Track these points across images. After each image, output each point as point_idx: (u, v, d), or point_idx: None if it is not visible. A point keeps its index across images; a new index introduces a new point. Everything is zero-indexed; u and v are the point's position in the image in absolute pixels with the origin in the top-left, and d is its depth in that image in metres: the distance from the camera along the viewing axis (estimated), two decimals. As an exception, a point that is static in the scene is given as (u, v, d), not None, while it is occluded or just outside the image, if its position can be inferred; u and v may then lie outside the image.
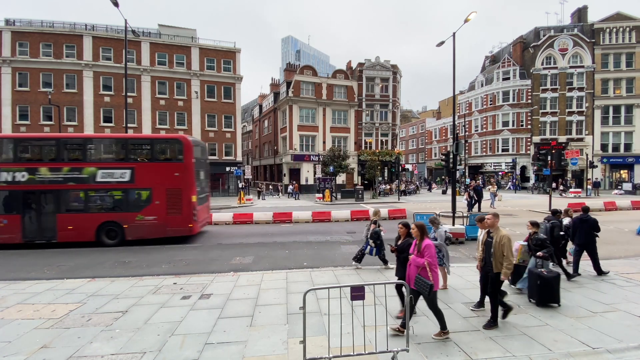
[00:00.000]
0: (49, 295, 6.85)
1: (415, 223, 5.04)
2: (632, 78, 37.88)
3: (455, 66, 14.51)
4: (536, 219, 7.36)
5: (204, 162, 14.16)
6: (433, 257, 4.66)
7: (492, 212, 5.51)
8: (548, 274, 6.00)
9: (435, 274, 4.68)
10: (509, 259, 4.93)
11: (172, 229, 11.99)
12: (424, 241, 4.81)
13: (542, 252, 6.23)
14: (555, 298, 5.98)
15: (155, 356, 4.49)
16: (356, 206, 23.53)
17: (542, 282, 5.93)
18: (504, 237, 5.03)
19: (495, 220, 5.30)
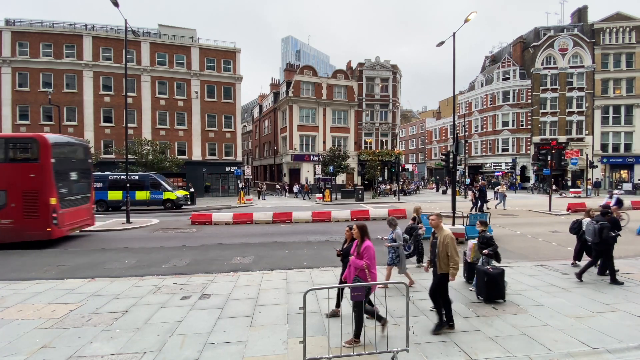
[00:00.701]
0: (49, 295, 6.85)
1: (356, 224, 4.96)
2: (632, 78, 37.89)
3: (455, 66, 14.51)
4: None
5: (76, 162, 13.41)
6: (371, 258, 4.59)
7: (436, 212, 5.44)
8: (493, 271, 6.15)
9: (373, 275, 4.60)
10: (454, 259, 4.87)
11: (29, 233, 11.41)
12: (364, 243, 4.72)
13: (487, 250, 6.45)
14: (501, 293, 6.19)
15: (155, 356, 4.49)
16: (356, 206, 23.54)
17: (488, 278, 6.10)
18: (447, 237, 4.96)
19: (439, 221, 5.22)
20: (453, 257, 4.88)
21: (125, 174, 18.62)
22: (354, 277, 4.65)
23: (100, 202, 22.50)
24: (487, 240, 6.58)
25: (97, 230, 15.13)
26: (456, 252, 4.91)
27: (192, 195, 25.59)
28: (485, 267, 6.30)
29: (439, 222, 5.21)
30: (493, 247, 6.48)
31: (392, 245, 6.96)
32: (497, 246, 6.57)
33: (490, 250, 6.46)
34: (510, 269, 8.40)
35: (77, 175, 13.19)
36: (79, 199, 13.29)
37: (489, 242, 6.56)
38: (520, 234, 13.37)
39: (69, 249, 11.49)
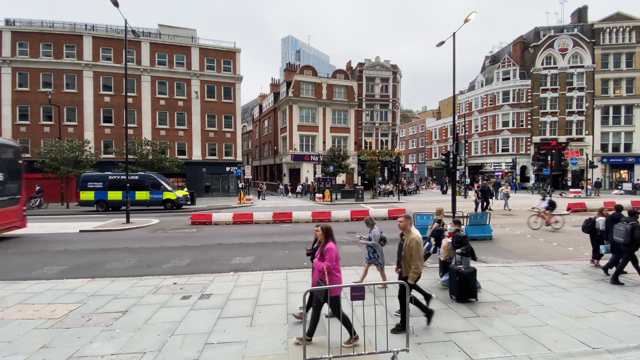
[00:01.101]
0: (49, 295, 6.85)
1: (321, 225, 4.85)
2: (632, 78, 37.90)
3: (455, 66, 14.52)
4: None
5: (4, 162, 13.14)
6: (332, 261, 4.49)
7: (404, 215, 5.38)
8: (465, 270, 6.20)
9: (334, 278, 4.49)
10: (415, 263, 4.85)
11: None
12: (327, 244, 4.64)
13: (460, 249, 6.54)
14: (473, 293, 6.23)
15: (155, 356, 4.49)
16: (356, 206, 23.54)
17: (460, 277, 6.15)
18: (412, 240, 4.93)
19: (407, 223, 5.16)
20: (414, 261, 4.86)
21: (125, 174, 18.62)
22: (317, 280, 4.54)
23: (100, 202, 22.53)
24: (460, 239, 6.64)
25: (97, 231, 15.14)
26: (419, 256, 4.89)
27: (192, 196, 25.58)
28: (457, 266, 6.37)
29: (407, 224, 5.16)
30: (466, 247, 6.56)
31: (369, 243, 6.99)
32: (470, 245, 6.63)
33: (463, 250, 6.54)
34: (510, 269, 8.41)
35: (3, 177, 12.95)
36: (6, 201, 13.03)
37: (462, 241, 6.61)
38: (520, 233, 13.36)
39: (69, 249, 11.48)
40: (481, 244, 11.58)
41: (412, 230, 5.11)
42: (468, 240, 6.68)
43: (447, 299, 6.33)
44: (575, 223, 15.49)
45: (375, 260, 7.02)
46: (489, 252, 10.45)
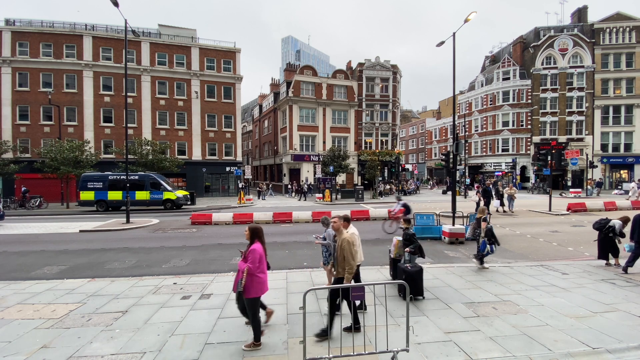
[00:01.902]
0: (49, 295, 6.85)
1: (249, 226, 4.80)
2: (632, 78, 37.89)
3: (455, 66, 14.52)
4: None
5: None
6: (255, 262, 4.41)
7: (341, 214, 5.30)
8: (412, 269, 6.29)
9: (258, 279, 4.41)
10: (349, 263, 4.79)
11: None
12: (252, 245, 4.60)
13: (409, 247, 6.62)
14: (420, 291, 6.32)
15: (155, 356, 4.49)
16: (356, 206, 23.53)
17: (406, 276, 6.19)
18: (343, 241, 4.88)
19: (340, 224, 5.09)
20: (348, 261, 4.80)
21: (125, 174, 18.61)
22: (238, 280, 4.45)
23: (100, 202, 22.53)
24: (409, 237, 6.72)
25: (97, 231, 15.13)
26: (352, 256, 4.81)
27: (192, 196, 25.58)
28: (404, 265, 6.48)
29: (340, 225, 5.09)
30: (414, 245, 6.66)
31: (323, 243, 6.91)
32: (418, 243, 6.76)
33: (411, 248, 6.63)
34: (510, 269, 8.41)
35: None
36: None
37: (411, 239, 6.69)
38: (520, 234, 13.37)
39: (69, 249, 11.47)
40: (481, 244, 11.58)
41: (345, 231, 5.04)
42: (416, 239, 6.79)
43: (395, 296, 6.40)
44: (575, 223, 15.51)
45: (326, 260, 6.96)
46: (489, 252, 10.44)
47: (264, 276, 4.57)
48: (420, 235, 12.37)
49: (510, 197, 19.35)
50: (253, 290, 4.42)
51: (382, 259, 9.74)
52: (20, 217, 20.43)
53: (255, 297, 4.47)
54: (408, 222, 7.03)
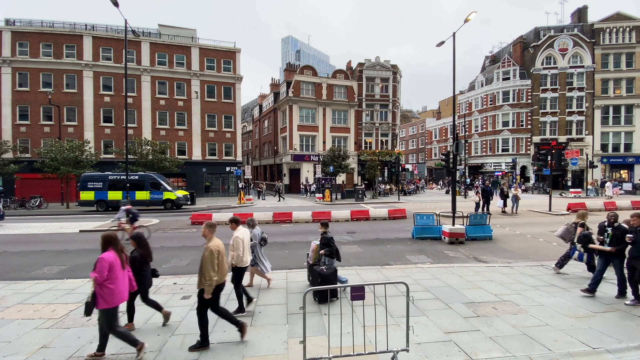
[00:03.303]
0: (49, 295, 6.85)
1: (102, 234, 4.51)
2: (632, 78, 37.88)
3: (455, 66, 14.52)
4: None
5: None
6: (101, 272, 4.13)
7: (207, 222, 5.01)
8: (327, 271, 6.27)
9: (107, 290, 4.17)
10: (208, 274, 4.50)
11: None
12: (102, 253, 4.31)
13: (324, 250, 6.60)
14: (334, 292, 6.30)
15: (155, 356, 4.49)
16: (356, 206, 23.53)
17: (322, 279, 6.17)
18: (206, 250, 4.61)
19: (207, 231, 4.81)
20: (207, 272, 4.49)
21: (125, 174, 18.63)
22: None
23: (100, 202, 22.53)
24: (327, 241, 6.67)
25: (97, 231, 15.13)
26: (212, 267, 4.52)
27: (192, 196, 25.58)
28: (319, 267, 6.41)
29: (207, 232, 4.80)
30: (330, 248, 6.61)
31: (251, 245, 6.96)
32: (335, 247, 6.72)
33: (326, 251, 6.58)
34: (510, 269, 8.41)
35: None
36: None
37: (328, 242, 6.66)
38: (520, 233, 13.36)
39: (69, 249, 11.47)
40: (481, 244, 11.59)
41: (214, 239, 4.79)
42: (334, 242, 6.74)
43: (311, 301, 6.23)
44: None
45: (252, 260, 6.95)
46: (488, 252, 10.45)
47: (114, 287, 4.24)
48: (421, 235, 12.41)
49: (515, 197, 19.19)
50: (102, 301, 4.16)
51: (382, 258, 9.75)
52: (20, 217, 20.43)
53: (105, 308, 4.19)
54: (325, 226, 6.92)
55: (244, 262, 5.76)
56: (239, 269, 5.78)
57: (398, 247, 11.18)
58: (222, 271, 4.70)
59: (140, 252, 5.24)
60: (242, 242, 5.67)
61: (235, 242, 5.63)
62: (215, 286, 4.66)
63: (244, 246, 5.74)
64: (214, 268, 4.56)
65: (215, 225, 5.00)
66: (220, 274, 4.67)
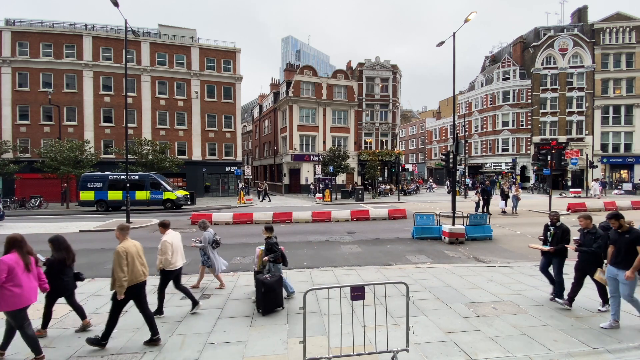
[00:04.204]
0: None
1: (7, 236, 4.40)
2: (632, 78, 37.89)
3: (455, 66, 14.53)
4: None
5: None
6: (1, 273, 4.01)
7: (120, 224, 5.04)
8: (270, 279, 5.80)
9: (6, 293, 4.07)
10: (117, 275, 4.55)
11: None
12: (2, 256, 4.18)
13: (268, 256, 6.14)
14: (279, 301, 5.89)
15: (155, 356, 4.50)
16: (356, 206, 23.53)
17: (265, 288, 5.68)
18: (114, 253, 4.62)
19: (118, 233, 4.82)
20: (116, 273, 4.54)
21: (125, 174, 18.60)
22: None
23: (100, 202, 22.53)
24: (271, 246, 6.26)
25: (97, 231, 15.13)
26: (120, 268, 4.55)
27: (192, 196, 25.57)
28: (263, 276, 5.92)
29: (118, 234, 4.82)
30: (275, 254, 6.19)
31: (199, 246, 6.96)
32: (280, 251, 6.31)
33: (271, 257, 6.15)
34: (510, 269, 8.41)
35: None
36: None
37: (272, 247, 6.25)
38: (520, 233, 13.36)
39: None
40: (481, 244, 11.59)
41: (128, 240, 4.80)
42: (278, 247, 6.34)
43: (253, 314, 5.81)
44: (575, 223, 15.48)
45: (207, 262, 7.01)
46: (489, 252, 10.45)
47: (17, 290, 4.13)
48: (421, 235, 12.42)
49: (515, 197, 19.18)
50: (4, 304, 4.09)
51: (382, 258, 9.76)
52: (20, 217, 20.43)
53: (9, 310, 4.12)
54: (269, 231, 6.46)
55: (172, 266, 5.72)
56: (165, 272, 5.73)
57: (398, 247, 11.18)
58: (133, 272, 4.68)
59: (56, 256, 5.17)
60: (170, 246, 5.62)
61: (162, 246, 5.61)
62: (134, 286, 4.69)
63: (173, 250, 5.68)
64: (123, 269, 4.55)
65: (127, 227, 5.01)
66: (132, 275, 4.66)
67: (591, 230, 5.68)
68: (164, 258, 5.62)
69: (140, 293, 4.85)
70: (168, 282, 5.84)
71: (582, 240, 5.79)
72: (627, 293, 4.95)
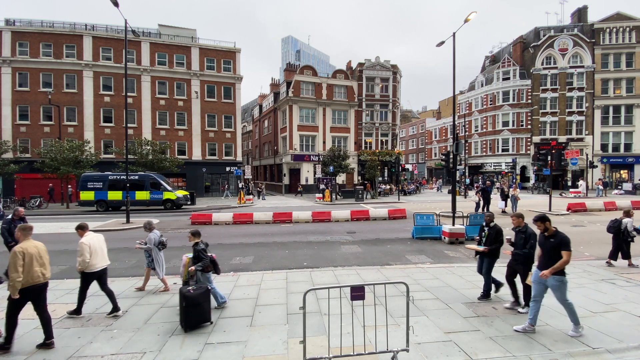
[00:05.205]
0: (49, 295, 6.72)
1: None
2: (632, 78, 37.90)
3: (455, 66, 14.53)
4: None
5: None
6: None
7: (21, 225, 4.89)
8: (194, 292, 5.20)
9: None
10: (11, 275, 4.44)
11: None
12: None
13: (195, 265, 5.62)
14: (205, 316, 5.29)
15: (155, 356, 4.49)
16: (356, 206, 23.54)
17: (187, 302, 5.05)
18: (11, 252, 4.47)
19: (19, 234, 4.72)
20: (11, 273, 4.45)
21: (125, 174, 18.61)
22: None
23: (100, 202, 22.53)
24: (198, 253, 5.69)
25: (97, 230, 15.12)
26: (15, 268, 4.42)
27: (192, 196, 25.58)
28: (186, 288, 5.30)
29: (19, 234, 4.72)
30: (203, 261, 5.62)
31: (144, 248, 6.87)
32: (208, 259, 5.72)
33: (198, 266, 5.57)
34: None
35: None
36: None
37: (200, 255, 5.67)
38: (520, 234, 13.34)
39: (69, 249, 11.46)
40: (481, 244, 11.58)
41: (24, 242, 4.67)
42: (206, 254, 5.73)
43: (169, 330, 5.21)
44: (575, 223, 15.50)
45: (151, 264, 6.93)
46: (489, 252, 10.44)
47: None
48: (421, 235, 12.42)
49: (514, 198, 19.18)
50: None
51: (382, 258, 9.76)
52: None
53: None
54: (196, 236, 5.84)
55: (92, 268, 5.71)
56: (85, 274, 5.73)
57: (398, 247, 11.18)
58: (30, 274, 4.55)
59: None
60: (87, 248, 5.63)
61: (80, 247, 5.62)
62: (32, 288, 4.58)
63: (91, 251, 5.67)
64: (17, 269, 4.45)
65: (29, 227, 4.90)
66: (28, 276, 4.54)
67: (522, 229, 5.74)
68: (81, 260, 5.61)
69: (39, 296, 4.73)
70: (89, 284, 5.80)
71: (514, 239, 5.87)
72: (559, 297, 4.88)
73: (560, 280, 4.81)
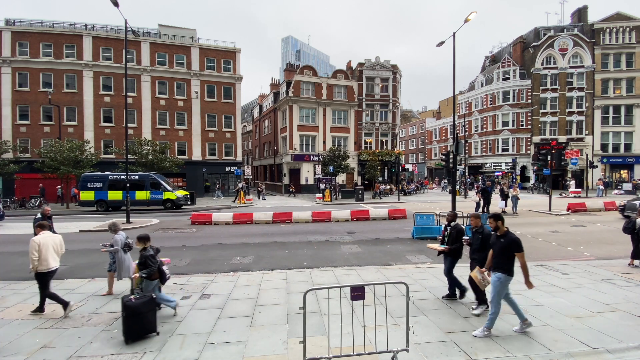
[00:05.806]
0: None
1: None
2: (632, 78, 37.89)
3: (455, 66, 14.54)
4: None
5: None
6: None
7: None
8: (136, 301, 4.87)
9: None
10: None
11: None
12: None
13: (139, 272, 5.34)
14: (151, 326, 4.97)
15: (155, 356, 4.49)
16: (356, 206, 23.54)
17: (128, 312, 4.73)
18: None
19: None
20: None
21: (125, 174, 18.61)
22: None
23: (100, 202, 22.53)
24: (145, 259, 5.34)
25: (97, 231, 15.12)
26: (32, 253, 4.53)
27: (192, 196, 25.58)
28: (128, 297, 4.95)
29: None
30: (149, 269, 5.30)
31: (110, 250, 6.75)
32: (156, 265, 5.42)
33: (143, 273, 5.27)
34: (510, 269, 8.40)
35: None
36: None
37: (147, 261, 5.32)
38: (520, 234, 13.36)
39: (69, 249, 11.46)
40: (481, 244, 11.57)
41: None
42: (154, 260, 5.40)
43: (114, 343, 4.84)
44: (575, 223, 15.51)
45: (112, 266, 6.79)
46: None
47: None
48: (421, 235, 12.42)
49: (515, 197, 19.19)
50: None
51: (382, 258, 9.76)
52: (20, 217, 20.43)
53: None
54: (143, 241, 5.52)
55: (45, 267, 5.65)
56: (39, 274, 5.67)
57: (398, 247, 11.18)
58: None
59: None
60: (37, 246, 5.55)
61: (30, 246, 5.57)
62: None
63: (41, 251, 5.58)
64: None
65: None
66: None
67: (479, 230, 5.73)
68: (30, 259, 5.57)
69: None
70: (47, 283, 5.74)
71: (471, 239, 5.85)
72: (491, 293, 4.89)
73: (498, 277, 4.81)
